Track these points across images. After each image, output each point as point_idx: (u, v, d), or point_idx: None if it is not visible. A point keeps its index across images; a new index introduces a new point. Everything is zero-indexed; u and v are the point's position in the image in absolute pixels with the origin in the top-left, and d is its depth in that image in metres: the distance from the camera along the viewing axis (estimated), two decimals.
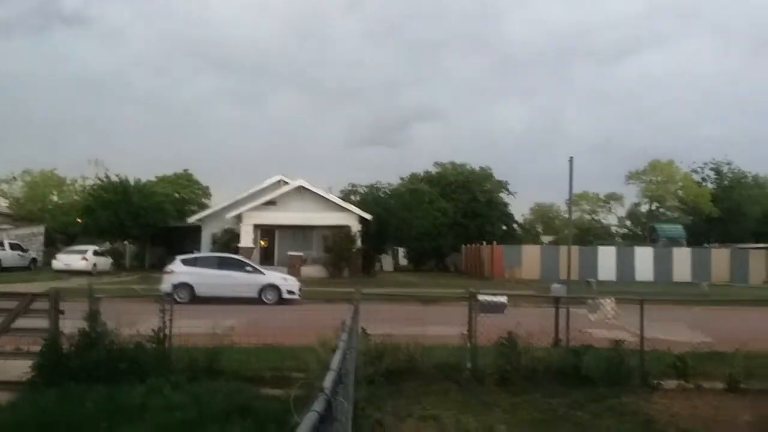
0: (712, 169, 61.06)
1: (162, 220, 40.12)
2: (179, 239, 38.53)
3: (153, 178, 47.63)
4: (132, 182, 39.81)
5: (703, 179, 60.78)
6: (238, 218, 35.01)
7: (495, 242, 41.00)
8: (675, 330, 13.28)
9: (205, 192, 54.53)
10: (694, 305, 17.78)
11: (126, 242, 41.55)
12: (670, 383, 9.11)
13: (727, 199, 55.66)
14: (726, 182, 59.20)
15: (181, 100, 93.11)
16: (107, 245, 39.93)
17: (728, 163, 60.62)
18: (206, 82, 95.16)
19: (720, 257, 40.44)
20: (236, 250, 30.87)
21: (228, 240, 35.24)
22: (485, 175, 51.79)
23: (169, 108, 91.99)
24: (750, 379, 9.00)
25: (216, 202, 43.65)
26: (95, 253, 34.64)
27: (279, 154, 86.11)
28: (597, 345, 9.53)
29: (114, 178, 39.46)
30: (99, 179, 40.82)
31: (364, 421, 6.68)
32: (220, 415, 6.68)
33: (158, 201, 40.49)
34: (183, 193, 49.99)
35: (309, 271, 33.30)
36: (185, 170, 53.23)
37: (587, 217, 65.99)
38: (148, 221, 38.60)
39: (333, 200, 36.88)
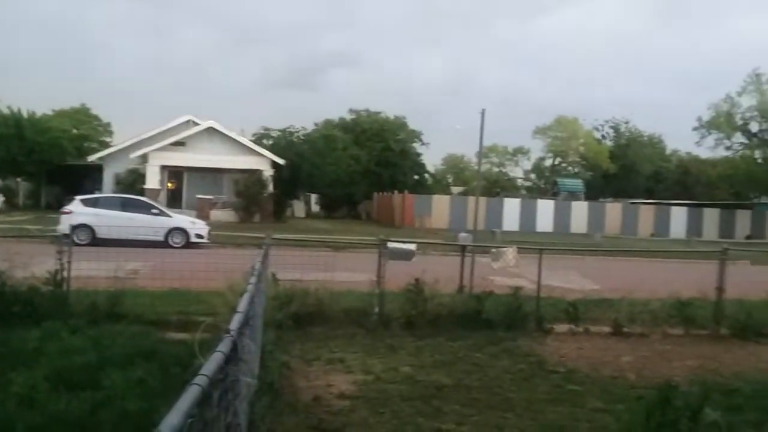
0: (611, 127, 64.35)
1: (59, 157, 37.75)
2: (79, 179, 36.45)
3: (49, 112, 44.51)
4: (25, 115, 37.02)
5: (603, 137, 63.99)
6: (144, 158, 33.50)
7: (406, 191, 41.63)
8: (569, 278, 14.16)
9: (106, 129, 51.61)
10: (588, 255, 18.95)
11: (19, 179, 38.88)
12: (562, 327, 9.76)
13: (623, 157, 59.03)
14: (623, 141, 62.62)
15: (81, 28, 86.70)
16: None
17: (626, 122, 64.11)
18: (109, 8, 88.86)
19: (613, 211, 43.14)
20: (142, 192, 29.65)
21: (133, 181, 33.71)
22: (399, 124, 51.98)
23: (67, 36, 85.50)
24: (632, 324, 9.78)
25: (119, 141, 41.43)
26: None
27: (188, 94, 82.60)
28: (498, 291, 10.01)
29: (5, 110, 36.54)
30: None
31: (271, 363, 6.75)
32: (123, 359, 6.54)
33: (55, 136, 37.98)
34: (82, 129, 47.04)
35: (219, 215, 32.61)
36: (83, 104, 50.03)
37: (495, 169, 68.07)
38: (44, 158, 36.23)
39: (245, 143, 35.96)
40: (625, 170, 58.42)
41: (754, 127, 39.62)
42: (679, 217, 43.41)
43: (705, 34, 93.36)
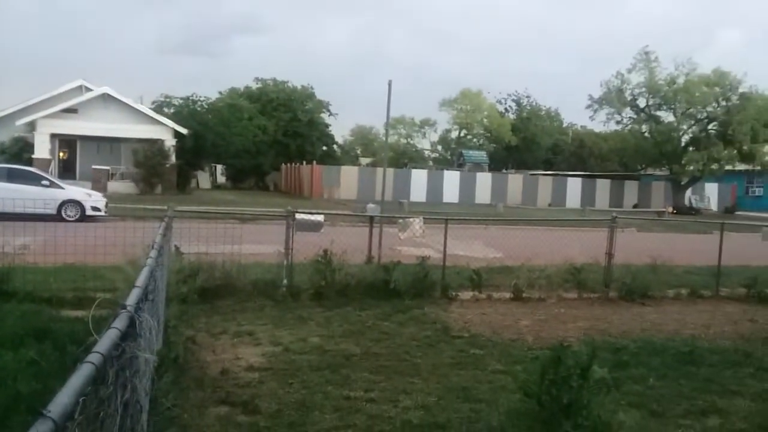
0: (513, 100, 66.51)
1: None
2: None
3: None
4: None
5: (506, 110, 66.06)
6: (32, 126, 31.23)
7: (315, 162, 41.33)
8: (473, 247, 14.65)
9: None
10: (491, 225, 19.65)
11: None
12: (467, 294, 10.12)
13: (524, 130, 61.30)
14: (524, 114, 64.91)
15: None
16: None
17: (527, 96, 66.48)
18: None
19: (515, 182, 44.89)
20: (30, 162, 27.68)
21: (19, 150, 31.38)
22: (307, 94, 51.26)
23: None
24: (531, 289, 10.29)
25: (2, 107, 38.30)
26: None
27: (79, 58, 77.27)
28: (405, 261, 10.21)
29: None
30: None
31: (176, 338, 6.59)
32: (13, 340, 6.16)
33: None
34: None
35: (117, 186, 31.08)
36: None
37: (403, 141, 68.73)
38: None
39: (144, 111, 34.28)
40: (526, 143, 60.78)
41: (642, 102, 42.12)
42: (574, 187, 45.82)
43: (600, 13, 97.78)
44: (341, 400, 5.37)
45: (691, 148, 41.06)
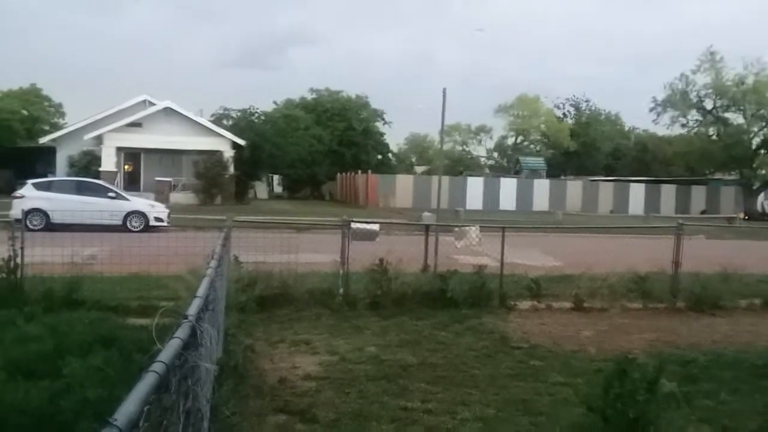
0: (572, 105, 65.27)
1: (9, 139, 36.50)
2: (30, 162, 35.31)
3: None
4: None
5: (564, 115, 64.84)
6: (99, 140, 32.59)
7: (370, 171, 41.55)
8: (532, 255, 14.37)
9: (58, 110, 49.97)
10: (550, 233, 19.26)
11: None
12: (525, 304, 9.91)
13: (583, 135, 59.96)
14: (583, 119, 63.55)
15: (28, 5, 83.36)
16: None
17: (586, 101, 65.07)
18: None
19: (574, 189, 43.91)
20: (97, 175, 28.89)
21: (87, 163, 32.80)
22: (361, 103, 51.65)
23: (14, 15, 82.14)
24: (593, 299, 10.00)
25: (71, 122, 40.18)
26: None
27: (143, 73, 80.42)
28: (462, 270, 10.09)
29: None
30: None
31: (235, 347, 6.69)
32: (81, 347, 6.38)
33: (3, 118, 36.69)
34: (32, 110, 45.43)
35: (179, 197, 32.04)
36: (33, 84, 48.25)
37: (459, 148, 68.40)
38: None
39: (203, 124, 35.29)
40: (586, 148, 59.40)
41: (708, 104, 40.61)
42: (637, 193, 44.44)
43: (663, 14, 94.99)
44: (398, 410, 5.33)
45: (762, 151, 39.28)
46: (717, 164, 42.86)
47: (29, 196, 19.26)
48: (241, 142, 34.97)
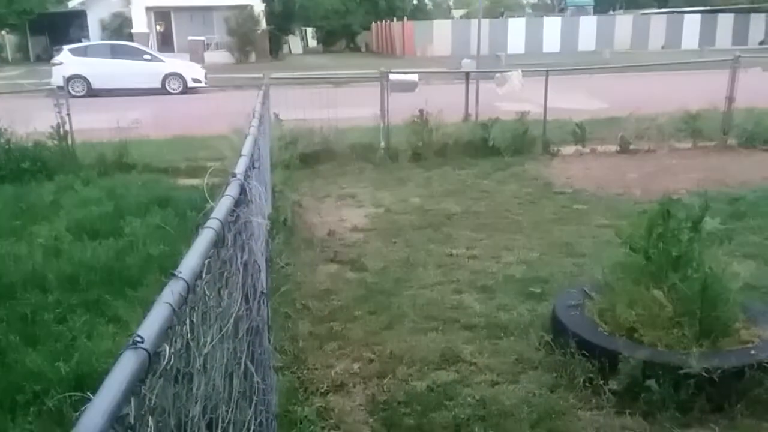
0: None
1: (39, 4, 35.82)
2: (63, 27, 34.90)
3: None
4: None
5: None
6: (127, 0, 31.77)
7: (405, 18, 39.77)
8: (576, 99, 13.94)
9: None
10: (596, 74, 18.47)
11: (4, 33, 37.35)
12: (569, 149, 9.79)
13: None
14: None
15: None
16: None
17: None
18: None
19: (623, 24, 41.30)
20: (130, 37, 28.52)
21: (119, 25, 32.28)
22: None
23: None
24: (639, 141, 9.78)
25: None
26: None
27: None
28: (504, 117, 9.91)
29: None
30: None
31: (283, 202, 6.91)
32: (139, 207, 6.71)
33: None
34: None
35: (213, 56, 31.56)
36: None
37: None
38: (24, 6, 34.44)
39: None
40: None
41: None
42: (691, 26, 41.55)
43: None
44: (444, 257, 5.53)
45: None
46: None
47: (67, 62, 19.29)
48: None
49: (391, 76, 9.74)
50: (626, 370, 3.36)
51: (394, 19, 40.54)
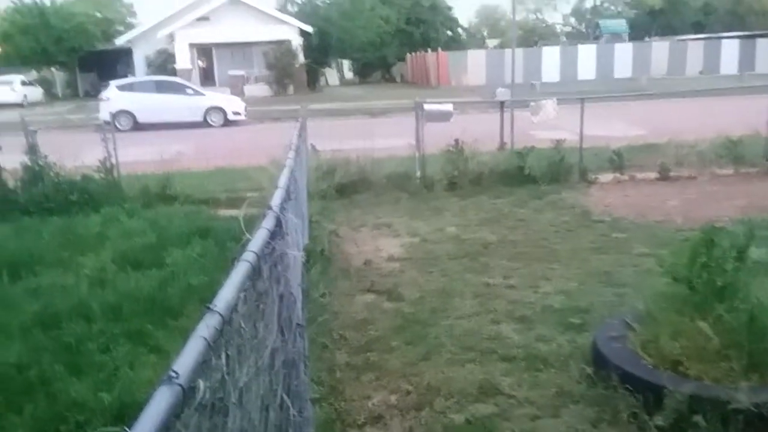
0: None
1: (88, 42, 37.41)
2: (110, 64, 36.31)
3: None
4: (48, 3, 36.39)
5: None
6: (171, 37, 32.89)
7: (440, 49, 40.14)
8: (613, 126, 13.80)
9: (129, 10, 50.51)
10: (633, 101, 18.28)
11: (54, 69, 39.01)
12: (607, 177, 9.67)
13: None
14: None
15: None
16: (34, 74, 37.48)
17: None
18: None
19: (660, 51, 40.85)
20: (174, 72, 29.45)
21: (163, 62, 33.39)
22: None
23: None
24: (680, 167, 9.60)
25: (143, 21, 40.63)
26: (23, 83, 32.62)
27: None
28: (539, 146, 9.87)
29: (27, 0, 35.95)
30: (12, 1, 37.06)
31: (320, 232, 6.98)
32: (180, 238, 6.85)
33: (80, 22, 37.39)
34: (105, 12, 46.04)
35: (253, 90, 32.33)
36: None
37: (532, 16, 64.52)
38: (73, 45, 36.02)
39: (270, 13, 34.76)
40: (672, 5, 54.47)
41: None
42: (730, 51, 40.85)
43: None
44: (481, 286, 5.48)
45: None
46: None
47: (114, 98, 20.00)
48: (308, 28, 34.38)
49: (426, 106, 9.82)
50: (672, 404, 3.25)
51: (429, 49, 40.96)
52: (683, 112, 12.14)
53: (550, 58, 39.37)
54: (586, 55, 39.85)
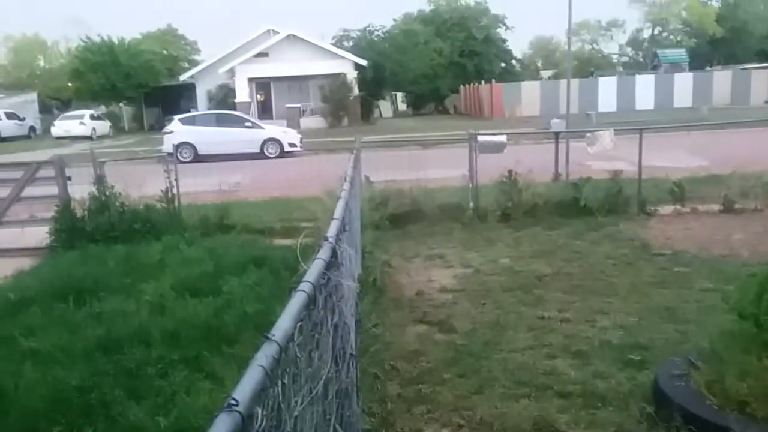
0: None
1: (154, 78, 39.21)
2: (174, 98, 37.92)
3: (138, 36, 45.84)
4: (116, 41, 38.40)
5: None
6: (232, 72, 34.13)
7: (494, 81, 40.19)
8: (673, 157, 13.43)
9: (193, 48, 52.82)
10: (694, 131, 17.77)
11: (121, 104, 40.97)
12: (667, 209, 9.39)
13: (732, 18, 53.46)
14: (731, 0, 56.49)
15: None
16: (103, 109, 39.48)
17: None
18: None
19: (722, 80, 39.74)
20: (233, 106, 30.45)
21: (224, 96, 34.65)
22: (481, 9, 49.42)
23: None
24: (744, 199, 9.25)
25: (205, 58, 42.35)
26: (92, 117, 34.36)
27: (264, 3, 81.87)
28: (596, 177, 9.69)
29: (97, 39, 38.03)
30: (82, 40, 39.31)
31: (373, 263, 7.01)
32: (237, 267, 7.00)
33: (147, 59, 39.31)
34: (171, 49, 48.28)
35: (308, 122, 33.07)
36: (169, 25, 51.05)
37: (588, 47, 63.97)
38: (140, 81, 37.78)
39: (326, 48, 35.68)
40: (735, 33, 53.08)
41: None
42: None
43: None
44: (535, 319, 5.38)
45: None
46: None
47: (177, 131, 20.81)
48: (363, 62, 35.07)
49: (480, 137, 9.82)
50: None
51: (482, 81, 41.07)
52: (748, 142, 11.73)
53: (607, 88, 38.82)
54: (644, 84, 39.13)
